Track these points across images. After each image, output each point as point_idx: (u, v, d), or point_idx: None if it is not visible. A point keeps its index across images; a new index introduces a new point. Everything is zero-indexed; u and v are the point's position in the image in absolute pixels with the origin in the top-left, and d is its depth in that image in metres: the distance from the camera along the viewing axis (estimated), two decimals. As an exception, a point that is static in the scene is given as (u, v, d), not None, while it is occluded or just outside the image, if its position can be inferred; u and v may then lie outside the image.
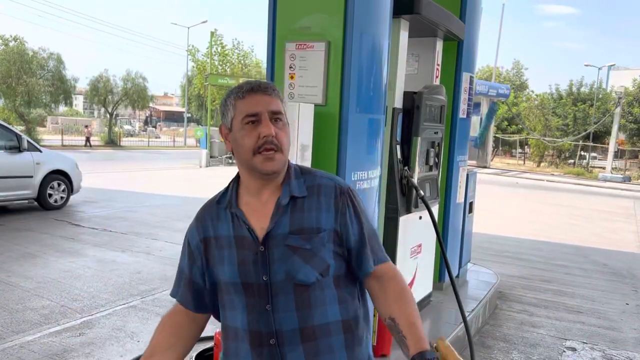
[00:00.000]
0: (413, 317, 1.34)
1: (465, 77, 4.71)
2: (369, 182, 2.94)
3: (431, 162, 3.98)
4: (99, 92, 34.10)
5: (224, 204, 1.40)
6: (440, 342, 1.30)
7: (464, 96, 4.74)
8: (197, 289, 1.43)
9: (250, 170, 1.35)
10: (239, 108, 1.32)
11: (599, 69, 37.03)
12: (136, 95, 34.97)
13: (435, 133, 3.95)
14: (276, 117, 1.33)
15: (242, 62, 33.10)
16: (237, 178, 1.43)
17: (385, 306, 1.38)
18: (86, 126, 34.04)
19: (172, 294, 1.49)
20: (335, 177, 1.44)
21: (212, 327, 4.19)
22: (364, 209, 1.42)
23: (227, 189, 1.43)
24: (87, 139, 31.02)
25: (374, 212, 3.07)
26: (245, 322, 1.33)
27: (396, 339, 1.34)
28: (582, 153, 34.28)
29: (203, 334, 4.36)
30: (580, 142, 33.20)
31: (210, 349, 2.95)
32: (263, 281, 1.31)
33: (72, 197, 9.96)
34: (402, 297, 1.38)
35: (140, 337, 4.07)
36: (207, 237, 1.39)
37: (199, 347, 3.77)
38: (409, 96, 3.65)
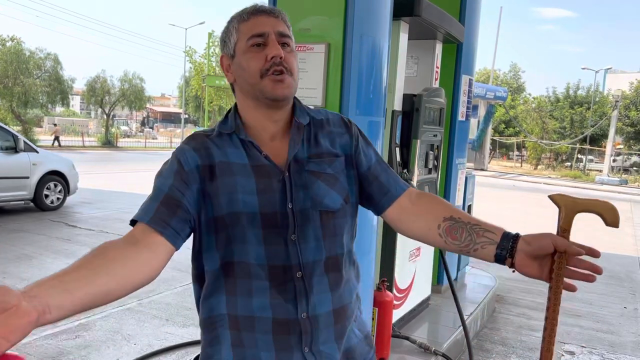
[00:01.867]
0: (470, 216, 1.23)
1: (464, 79, 4.70)
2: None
3: (430, 165, 3.96)
4: (96, 93, 34.02)
5: (227, 129, 1.23)
6: (556, 195, 1.13)
7: (463, 99, 4.74)
8: (184, 217, 1.14)
9: (256, 98, 1.21)
10: (242, 30, 1.21)
11: (596, 72, 37.08)
12: (133, 96, 34.90)
13: (434, 136, 3.94)
14: (284, 40, 1.21)
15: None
16: (235, 111, 1.27)
17: (436, 213, 1.23)
18: (55, 124, 32.74)
19: (138, 217, 1.12)
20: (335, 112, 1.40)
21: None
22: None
23: (225, 118, 1.28)
24: (56, 138, 29.63)
25: (373, 215, 3.05)
26: (262, 257, 1.17)
27: (461, 235, 1.18)
28: (579, 156, 34.36)
29: (199, 337, 4.34)
30: (578, 145, 33.28)
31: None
32: (288, 209, 1.18)
33: (68, 198, 9.92)
34: (448, 203, 1.29)
35: (137, 339, 4.04)
36: (212, 164, 1.19)
37: (196, 350, 3.75)
38: (408, 99, 3.64)
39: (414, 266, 3.95)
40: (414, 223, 1.28)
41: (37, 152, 9.28)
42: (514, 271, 1.13)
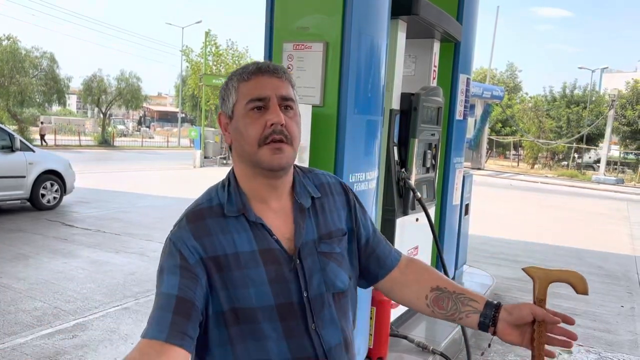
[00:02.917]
0: (455, 284, 1.28)
1: (462, 78, 4.70)
2: (366, 183, 2.92)
3: (428, 164, 3.96)
4: (93, 92, 33.95)
5: (233, 211, 1.12)
6: (531, 268, 1.20)
7: (460, 98, 4.73)
8: (197, 319, 1.04)
9: (253, 166, 1.13)
10: (242, 92, 1.12)
11: (592, 71, 37.19)
12: (130, 95, 34.83)
13: (432, 135, 3.94)
14: (286, 103, 1.13)
15: (237, 62, 33.05)
16: (235, 179, 1.18)
17: (423, 284, 1.28)
18: (41, 122, 31.91)
19: (151, 335, 0.97)
20: (331, 174, 1.35)
21: None
22: None
23: (227, 192, 1.16)
24: (42, 137, 29.13)
25: (372, 214, 3.05)
26: (285, 351, 1.10)
27: (447, 305, 1.23)
28: (577, 155, 34.43)
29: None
30: (574, 145, 33.35)
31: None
32: (304, 298, 1.13)
33: (65, 198, 9.88)
34: (434, 271, 1.34)
35: (134, 339, 4.02)
36: (217, 256, 1.08)
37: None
38: (406, 98, 3.63)
39: (412, 265, 3.95)
40: (404, 293, 1.32)
41: (33, 151, 9.24)
42: (493, 337, 1.20)
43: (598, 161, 34.78)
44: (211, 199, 1.15)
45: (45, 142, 29.02)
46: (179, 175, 18.13)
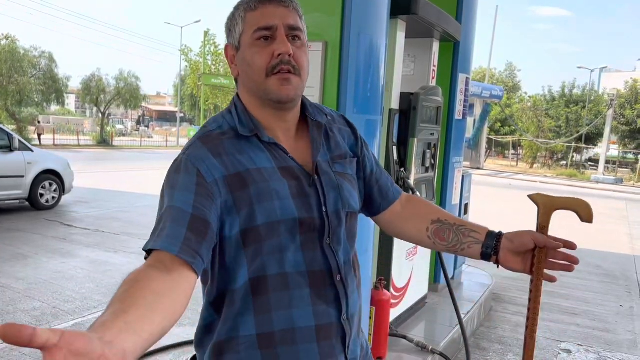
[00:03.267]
0: (455, 217, 1.30)
1: (461, 78, 4.70)
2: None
3: (427, 164, 3.96)
4: (91, 92, 33.89)
5: (246, 131, 1.11)
6: (536, 195, 1.23)
7: (459, 97, 4.73)
8: (211, 240, 1.01)
9: (261, 97, 1.12)
10: (249, 21, 1.10)
11: (591, 71, 37.24)
12: (129, 94, 34.78)
13: (431, 134, 3.93)
14: (294, 33, 1.10)
15: (236, 62, 33.06)
16: (242, 105, 1.16)
17: (424, 217, 1.30)
18: (38, 121, 31.31)
19: (164, 246, 0.93)
20: None
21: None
22: None
23: (237, 116, 1.14)
24: (38, 136, 28.70)
25: (371, 213, 3.04)
26: (301, 263, 1.10)
27: (448, 236, 1.25)
28: (575, 154, 34.45)
29: (192, 337, 4.33)
30: (573, 144, 33.37)
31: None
32: (323, 212, 1.13)
33: (63, 197, 9.87)
34: (434, 205, 1.36)
35: (133, 339, 4.02)
36: (239, 172, 1.06)
37: (192, 350, 3.74)
38: (405, 97, 3.63)
39: (411, 265, 3.95)
40: (404, 226, 1.33)
41: (32, 151, 9.23)
42: (498, 266, 1.22)
43: (590, 160, 34.84)
44: (220, 125, 1.14)
45: (40, 141, 28.79)
46: (178, 174, 18.08)
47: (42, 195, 9.24)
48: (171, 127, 57.24)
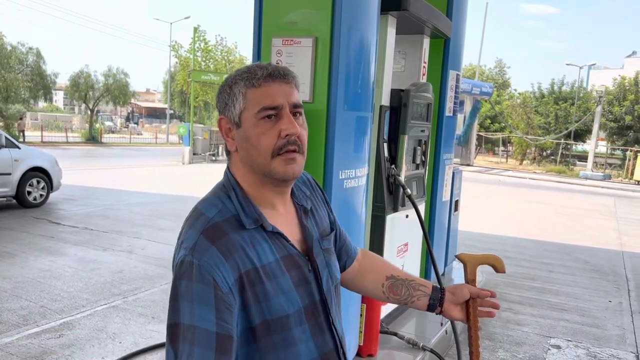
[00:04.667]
0: (404, 272, 1.41)
1: (451, 74, 4.69)
2: (356, 180, 2.90)
3: (418, 160, 3.95)
4: (80, 88, 33.56)
5: (251, 223, 1.08)
6: (463, 254, 1.40)
7: (450, 94, 4.73)
8: (234, 351, 1.02)
9: (263, 176, 1.10)
10: (252, 99, 1.07)
11: (580, 68, 37.51)
12: (118, 91, 34.48)
13: (422, 131, 3.92)
14: (296, 110, 1.10)
15: (226, 58, 32.88)
16: (239, 188, 1.13)
17: (379, 273, 1.39)
18: (20, 118, 30.38)
19: None
20: None
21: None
22: None
23: (239, 202, 1.10)
24: (22, 132, 28.12)
25: (362, 210, 3.03)
26: (313, 351, 1.12)
27: (400, 291, 1.36)
28: (565, 152, 34.69)
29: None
30: (562, 141, 33.60)
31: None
32: (323, 294, 1.16)
33: (51, 195, 9.78)
34: (385, 260, 1.48)
35: (122, 338, 3.98)
36: (248, 270, 1.04)
37: None
38: (396, 94, 3.62)
39: (402, 262, 3.94)
40: (362, 282, 1.41)
41: (18, 148, 9.13)
42: (439, 314, 1.36)
43: (574, 156, 35.13)
44: (221, 211, 1.08)
45: (24, 138, 28.25)
46: (168, 172, 18.02)
47: (29, 192, 9.14)
48: (161, 123, 56.92)
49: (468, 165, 27.10)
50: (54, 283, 5.18)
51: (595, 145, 30.50)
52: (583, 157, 34.31)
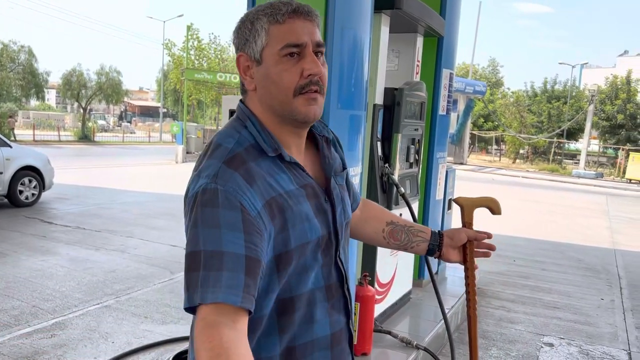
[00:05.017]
0: (404, 219, 1.45)
1: (445, 73, 4.69)
2: (350, 179, 2.89)
3: (411, 159, 3.95)
4: (72, 87, 33.38)
5: (270, 151, 1.06)
6: (460, 198, 1.45)
7: (443, 93, 4.73)
8: (261, 275, 0.99)
9: (282, 115, 1.08)
10: (275, 35, 1.03)
11: (572, 67, 37.64)
12: (110, 89, 34.33)
13: (415, 130, 3.93)
14: (319, 50, 1.07)
15: (219, 56, 32.78)
16: (258, 121, 1.09)
17: (379, 219, 1.43)
18: (9, 116, 29.53)
19: (226, 299, 0.90)
20: None
21: (184, 328, 4.10)
22: None
23: (258, 132, 1.08)
24: (11, 130, 27.55)
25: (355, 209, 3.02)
26: (320, 279, 1.12)
27: (400, 237, 1.40)
28: (557, 150, 34.86)
29: (179, 334, 4.26)
30: (555, 139, 33.75)
31: (186, 351, 2.83)
32: (336, 227, 1.16)
33: (43, 194, 9.71)
34: (385, 209, 1.51)
35: (115, 337, 3.96)
36: (274, 197, 1.02)
37: (175, 348, 3.69)
38: (389, 92, 3.61)
39: (395, 260, 3.94)
40: (364, 228, 1.44)
41: (10, 146, 9.06)
42: (437, 257, 1.41)
43: (566, 155, 35.34)
44: (239, 141, 1.06)
45: (14, 136, 27.95)
46: (161, 170, 17.95)
47: (21, 192, 9.08)
48: (154, 122, 56.68)
49: (461, 163, 27.17)
50: (46, 283, 5.15)
51: (588, 143, 30.67)
52: (571, 156, 34.52)
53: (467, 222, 1.42)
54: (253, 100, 1.11)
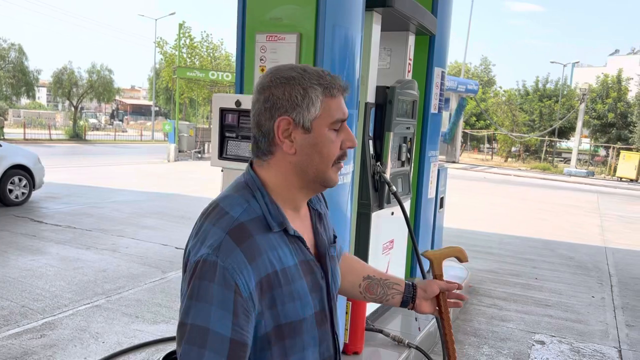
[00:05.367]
0: (379, 271, 1.46)
1: (437, 72, 4.69)
2: (342, 177, 2.88)
3: (403, 158, 3.95)
4: (63, 85, 33.11)
5: (276, 226, 1.07)
6: (428, 252, 1.50)
7: (435, 91, 4.73)
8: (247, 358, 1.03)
9: (313, 181, 1.10)
10: (329, 108, 1.07)
11: (564, 66, 37.84)
12: (102, 88, 34.08)
13: (407, 128, 3.92)
14: None
15: (212, 55, 32.66)
16: (265, 189, 1.10)
17: (357, 274, 1.43)
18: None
19: None
20: None
21: (175, 328, 4.09)
22: None
23: (265, 204, 1.08)
24: (0, 129, 27.30)
25: (347, 208, 3.02)
26: (317, 357, 1.13)
27: (376, 290, 1.42)
28: (549, 149, 35.04)
29: (170, 334, 4.21)
30: (546, 138, 33.92)
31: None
32: (329, 304, 1.17)
33: (34, 193, 9.63)
34: (361, 261, 1.52)
35: (105, 337, 3.93)
36: (269, 274, 1.02)
37: (167, 348, 3.67)
38: (381, 91, 3.61)
39: (387, 258, 3.94)
40: (342, 283, 1.41)
41: (0, 145, 8.98)
42: (411, 309, 1.42)
43: (557, 153, 35.56)
44: (247, 211, 1.06)
45: (2, 135, 27.66)
46: (153, 169, 17.87)
47: (11, 190, 8.99)
48: (146, 120, 56.45)
49: (454, 162, 27.24)
50: (35, 282, 5.10)
51: (579, 142, 30.85)
52: (557, 153, 34.68)
53: (437, 274, 1.47)
54: (282, 165, 1.10)
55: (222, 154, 2.77)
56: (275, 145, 1.08)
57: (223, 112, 2.72)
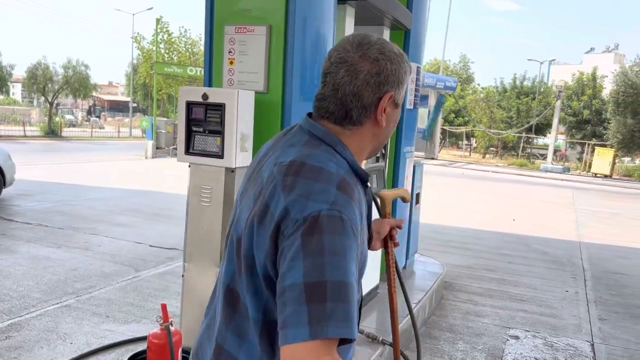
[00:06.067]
0: None
1: (412, 67, 4.66)
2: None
3: (378, 153, 3.91)
4: (38, 80, 32.43)
5: (366, 177, 1.13)
6: (379, 192, 1.68)
7: (411, 87, 4.71)
8: None
9: (377, 149, 1.20)
10: (405, 87, 1.16)
11: (541, 63, 38.32)
12: (78, 83, 33.46)
13: (382, 123, 3.89)
14: None
15: (190, 50, 32.32)
16: (349, 152, 1.11)
17: None
18: None
19: (350, 334, 0.92)
20: None
21: (147, 327, 3.99)
22: None
23: (349, 156, 1.09)
24: None
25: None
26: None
27: None
28: (526, 145, 35.48)
29: (141, 334, 4.11)
30: (524, 134, 34.34)
31: (144, 351, 2.74)
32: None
33: (4, 191, 9.38)
34: None
35: (74, 338, 3.83)
36: (363, 226, 1.09)
37: (137, 348, 3.59)
38: (355, 85, 3.56)
39: (362, 255, 3.91)
40: None
41: (-32, 141, 8.73)
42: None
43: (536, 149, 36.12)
44: (339, 165, 1.05)
45: None
46: (130, 166, 17.60)
47: (-20, 188, 8.76)
48: (124, 117, 55.65)
49: (432, 158, 27.42)
50: (2, 282, 4.95)
51: (555, 138, 31.30)
52: (535, 148, 35.14)
53: (386, 212, 1.65)
54: (355, 135, 1.11)
55: (189, 149, 2.69)
56: (369, 117, 1.09)
57: (190, 105, 2.64)
